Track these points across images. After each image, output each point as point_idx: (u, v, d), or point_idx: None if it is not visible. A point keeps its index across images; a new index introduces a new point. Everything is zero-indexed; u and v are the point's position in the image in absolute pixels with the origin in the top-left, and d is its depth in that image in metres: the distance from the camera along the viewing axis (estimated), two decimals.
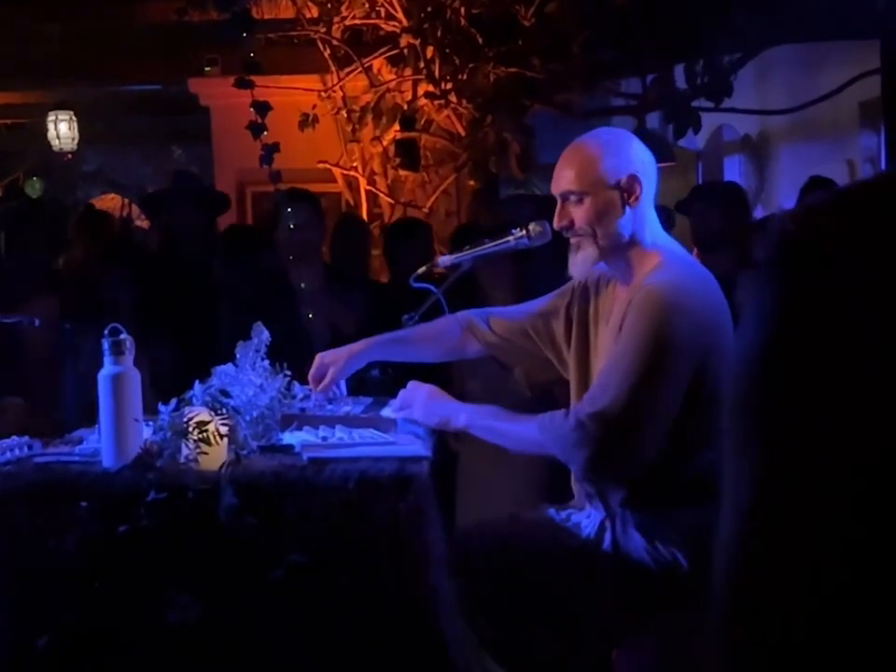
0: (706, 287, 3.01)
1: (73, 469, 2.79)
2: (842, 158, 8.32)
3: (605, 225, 3.02)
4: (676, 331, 2.88)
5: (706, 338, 2.92)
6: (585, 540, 3.00)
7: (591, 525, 3.02)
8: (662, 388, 2.88)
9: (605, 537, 2.98)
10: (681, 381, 2.89)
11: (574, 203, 3.05)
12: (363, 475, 2.68)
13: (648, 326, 2.89)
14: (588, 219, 3.03)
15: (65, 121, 10.83)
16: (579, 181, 3.04)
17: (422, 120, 7.57)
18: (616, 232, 3.03)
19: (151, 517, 2.65)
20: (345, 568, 2.66)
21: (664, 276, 2.96)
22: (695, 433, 2.92)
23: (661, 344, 2.87)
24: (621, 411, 2.84)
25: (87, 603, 2.68)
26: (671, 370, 2.88)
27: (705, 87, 7.28)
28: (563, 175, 3.07)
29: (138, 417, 2.80)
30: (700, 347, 2.91)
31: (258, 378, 3.08)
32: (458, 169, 7.60)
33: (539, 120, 7.86)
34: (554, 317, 3.30)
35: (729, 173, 10.23)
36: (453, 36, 7.31)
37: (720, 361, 2.94)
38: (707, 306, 2.96)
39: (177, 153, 14.07)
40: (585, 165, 3.04)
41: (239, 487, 2.65)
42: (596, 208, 3.02)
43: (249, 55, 6.59)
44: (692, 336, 2.89)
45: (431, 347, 3.51)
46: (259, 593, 2.66)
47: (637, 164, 3.05)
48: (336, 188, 8.13)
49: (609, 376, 2.91)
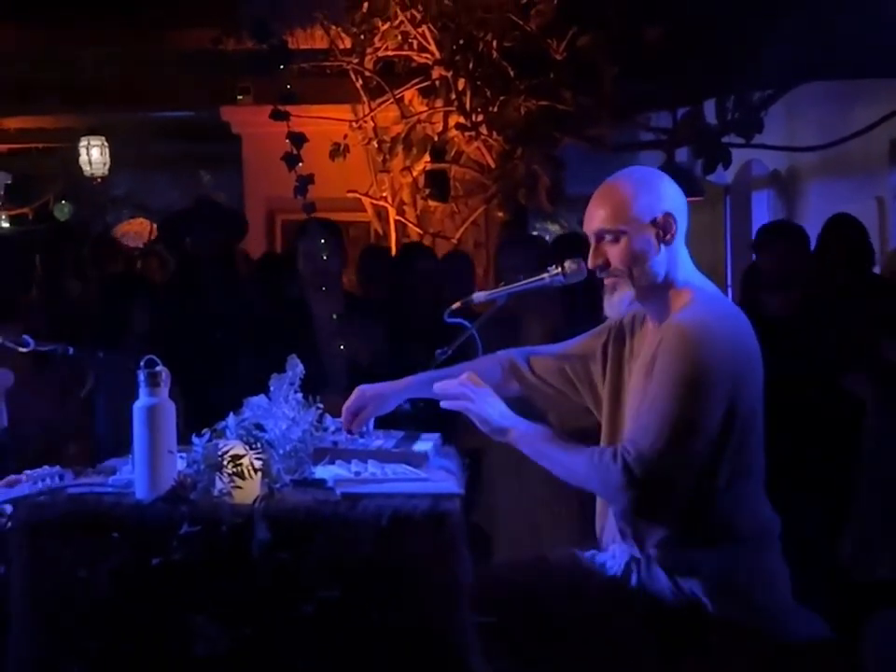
0: (735, 323, 3.00)
1: (106, 501, 2.78)
2: (871, 195, 8.30)
3: (641, 264, 3.01)
4: (708, 369, 2.86)
5: (735, 375, 2.91)
6: (611, 580, 2.99)
7: (617, 566, 3.01)
8: (699, 428, 2.86)
9: (631, 577, 2.97)
10: (716, 418, 2.88)
11: (609, 243, 3.04)
12: (396, 512, 2.67)
13: (682, 365, 2.87)
14: (624, 258, 3.02)
15: (97, 147, 10.90)
16: (614, 219, 3.02)
17: (452, 152, 7.60)
18: (652, 272, 3.02)
19: (184, 550, 2.64)
20: (376, 605, 2.66)
21: (693, 314, 2.96)
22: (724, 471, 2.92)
23: (694, 383, 2.85)
24: (663, 453, 2.82)
25: (117, 634, 2.68)
26: (707, 408, 2.86)
27: (735, 122, 7.29)
28: (597, 213, 3.06)
29: (172, 449, 2.80)
30: (730, 383, 2.89)
31: (291, 411, 3.08)
32: (488, 200, 7.62)
33: (569, 153, 7.87)
34: (592, 358, 3.28)
35: (757, 208, 10.22)
36: (484, 69, 7.33)
37: (748, 398, 2.94)
38: (737, 342, 2.95)
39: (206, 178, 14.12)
40: (621, 204, 3.03)
41: (272, 522, 2.65)
42: (633, 247, 3.01)
43: (285, 86, 6.63)
44: (723, 373, 2.88)
45: None
46: (290, 628, 2.66)
47: (669, 202, 3.05)
48: (366, 217, 8.16)
49: (648, 418, 2.89)
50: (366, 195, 7.88)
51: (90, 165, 11.00)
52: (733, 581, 2.91)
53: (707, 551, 2.92)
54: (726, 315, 3.02)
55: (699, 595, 2.90)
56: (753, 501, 3.01)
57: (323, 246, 5.37)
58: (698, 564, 2.91)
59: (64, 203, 12.78)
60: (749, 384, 2.96)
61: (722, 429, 2.89)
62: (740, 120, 7.25)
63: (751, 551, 2.96)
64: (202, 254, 5.74)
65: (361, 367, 5.04)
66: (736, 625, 2.90)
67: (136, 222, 14.33)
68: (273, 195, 8.30)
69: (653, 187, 3.06)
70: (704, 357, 2.87)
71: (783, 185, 9.68)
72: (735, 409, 2.90)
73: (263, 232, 8.91)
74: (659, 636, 2.93)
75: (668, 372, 2.90)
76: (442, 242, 7.57)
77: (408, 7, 7.31)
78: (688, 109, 7.48)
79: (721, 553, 2.92)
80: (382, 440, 3.38)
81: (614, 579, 2.99)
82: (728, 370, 2.89)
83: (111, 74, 8.66)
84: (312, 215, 6.19)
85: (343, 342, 5.24)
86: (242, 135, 9.04)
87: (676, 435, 2.83)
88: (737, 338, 2.97)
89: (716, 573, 2.90)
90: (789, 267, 5.33)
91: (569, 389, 3.35)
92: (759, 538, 2.99)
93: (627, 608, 2.95)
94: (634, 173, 3.15)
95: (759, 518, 3.01)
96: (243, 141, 9.09)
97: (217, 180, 13.25)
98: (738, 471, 2.95)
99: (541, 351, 3.47)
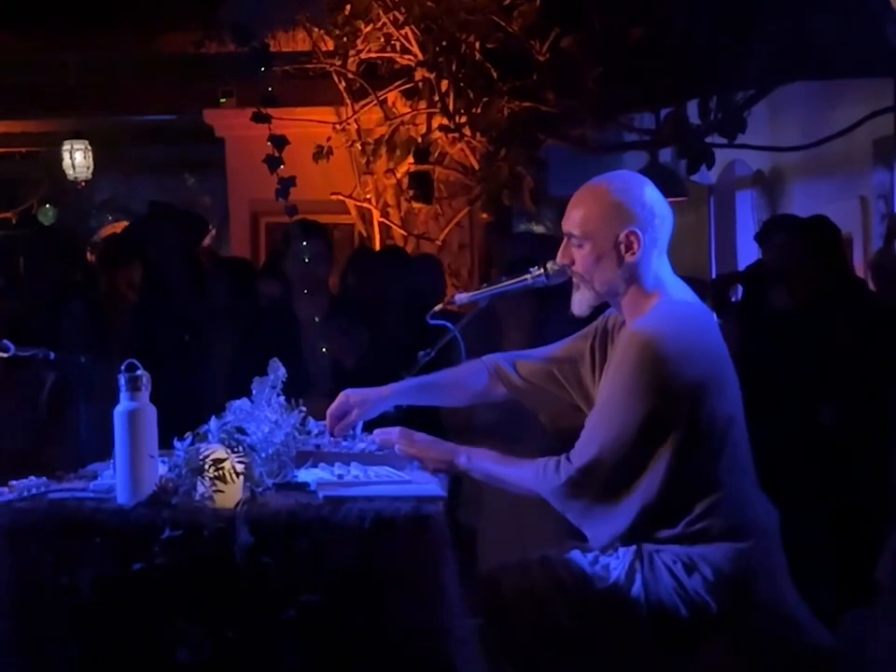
0: (697, 330, 3.03)
1: (87, 506, 2.77)
2: (855, 195, 8.32)
3: (600, 273, 3.06)
4: (655, 380, 2.90)
5: (692, 381, 2.93)
6: (615, 584, 2.98)
7: (620, 568, 2.99)
8: (646, 435, 2.91)
9: (636, 578, 2.96)
10: (665, 426, 2.91)
11: (575, 246, 3.08)
12: (379, 515, 2.67)
13: (631, 375, 2.93)
14: (584, 265, 3.08)
15: (80, 150, 10.87)
16: (581, 226, 3.06)
17: (436, 153, 7.59)
18: (611, 282, 3.07)
19: (166, 555, 2.64)
20: (359, 608, 2.65)
21: (648, 322, 2.99)
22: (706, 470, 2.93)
23: (640, 394, 2.91)
24: (606, 463, 2.92)
25: (100, 640, 2.67)
26: (655, 416, 2.91)
27: (718, 123, 7.29)
28: (571, 215, 3.10)
29: (154, 454, 2.79)
30: (689, 387, 2.92)
31: (273, 414, 3.08)
32: (472, 202, 7.61)
33: (553, 154, 7.87)
34: (580, 360, 3.29)
35: (741, 208, 10.23)
36: (467, 70, 7.33)
37: (717, 400, 2.96)
38: (697, 349, 2.97)
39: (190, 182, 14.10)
40: (590, 213, 3.06)
41: (254, 526, 2.64)
42: (593, 256, 3.06)
43: (267, 89, 6.62)
44: (674, 382, 2.91)
45: (458, 392, 3.50)
46: (272, 632, 2.65)
47: (642, 216, 3.04)
48: (349, 219, 8.15)
49: (594, 428, 2.98)
50: (350, 197, 7.87)
51: (73, 169, 10.97)
52: (736, 576, 2.92)
53: (711, 546, 2.93)
54: (686, 322, 3.03)
55: (703, 595, 2.90)
56: (750, 497, 3.03)
57: (310, 249, 5.35)
58: (702, 559, 2.92)
59: (48, 208, 12.74)
60: (718, 387, 2.98)
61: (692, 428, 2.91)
62: (723, 121, 7.25)
63: (753, 545, 2.97)
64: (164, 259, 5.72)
65: (345, 370, 5.03)
66: (740, 628, 2.91)
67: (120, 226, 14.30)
68: (258, 198, 8.28)
69: (628, 199, 3.05)
70: (652, 369, 2.91)
71: (767, 185, 9.68)
72: (711, 412, 2.94)
73: (248, 235, 8.89)
74: (663, 639, 2.93)
75: (616, 383, 2.97)
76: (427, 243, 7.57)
77: (390, 9, 7.31)
78: (671, 110, 7.48)
79: (725, 548, 2.93)
80: (365, 443, 3.38)
81: (617, 583, 2.97)
82: (681, 377, 2.91)
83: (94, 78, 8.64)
84: (294, 217, 6.18)
85: (328, 344, 5.22)
86: (225, 138, 9.02)
87: (616, 447, 2.92)
88: (694, 344, 2.98)
89: (720, 568, 2.91)
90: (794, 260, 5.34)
91: (558, 390, 3.36)
92: (760, 532, 3.00)
93: (631, 612, 2.94)
94: (614, 180, 3.13)
95: (759, 513, 3.03)
96: (226, 144, 9.06)
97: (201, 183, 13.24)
98: (731, 470, 2.98)
99: (528, 354, 3.48)
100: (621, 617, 2.95)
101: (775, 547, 3.04)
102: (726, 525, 2.95)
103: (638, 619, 2.93)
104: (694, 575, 2.91)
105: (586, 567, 3.03)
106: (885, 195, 8.03)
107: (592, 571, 3.01)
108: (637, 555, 2.98)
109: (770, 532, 3.04)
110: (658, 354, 2.90)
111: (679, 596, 2.91)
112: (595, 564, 3.04)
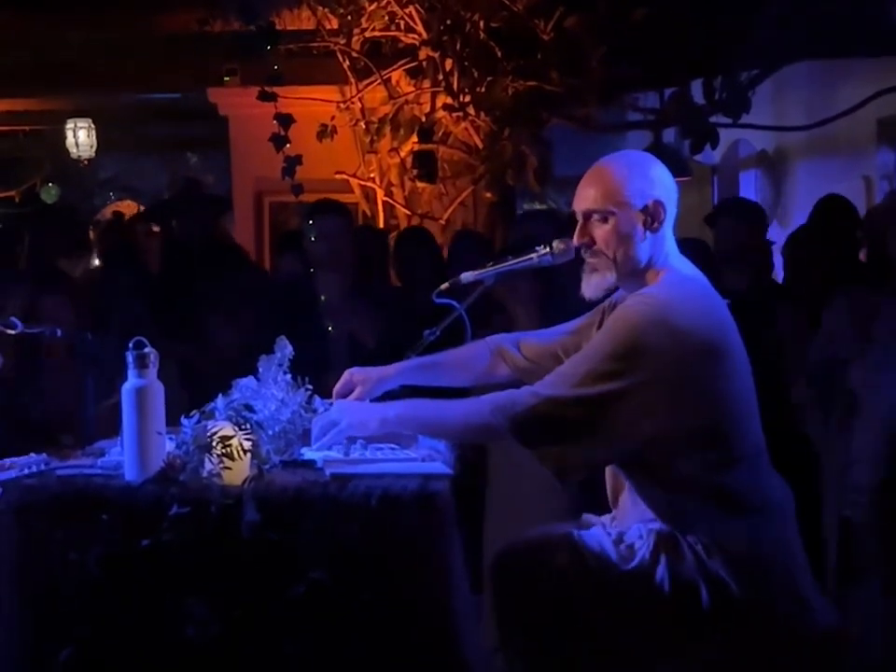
0: (703, 304, 3.00)
1: (95, 482, 2.79)
2: (859, 174, 8.31)
3: (625, 247, 3.02)
4: (648, 340, 2.86)
5: (698, 353, 2.89)
6: (640, 565, 2.96)
7: (645, 548, 2.98)
8: (622, 391, 2.87)
9: (660, 560, 2.94)
10: (656, 389, 2.87)
11: (597, 223, 3.05)
12: (385, 492, 2.68)
13: (621, 330, 2.90)
14: (609, 241, 3.03)
15: (84, 129, 10.87)
16: (605, 200, 3.02)
17: (440, 132, 7.58)
18: (635, 257, 3.03)
19: (174, 531, 2.66)
20: (366, 585, 2.67)
21: (652, 289, 2.99)
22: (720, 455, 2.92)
23: (630, 348, 2.87)
24: (572, 402, 2.87)
25: (108, 616, 2.69)
26: (639, 375, 2.86)
27: (722, 102, 7.27)
28: (587, 193, 3.06)
29: (161, 431, 2.81)
30: (688, 361, 2.88)
31: (280, 392, 3.08)
32: (475, 181, 7.60)
33: (557, 134, 7.86)
34: (585, 340, 3.25)
35: (745, 188, 10.21)
36: (472, 49, 7.30)
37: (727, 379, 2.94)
38: (700, 322, 2.93)
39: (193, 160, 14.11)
40: (613, 185, 3.03)
41: (261, 503, 2.66)
42: (620, 230, 3.01)
43: (272, 68, 6.61)
44: (672, 346, 2.87)
45: (461, 372, 3.49)
46: (280, 608, 2.67)
47: (660, 189, 3.05)
48: (353, 198, 8.13)
49: (573, 367, 2.94)
50: (354, 176, 7.86)
51: (76, 148, 10.97)
52: (756, 555, 2.91)
53: (732, 522, 2.92)
54: (693, 294, 3.01)
55: (723, 576, 2.90)
56: (765, 476, 3.03)
57: (334, 227, 5.33)
58: (724, 537, 2.91)
59: (52, 186, 12.74)
60: (725, 361, 2.95)
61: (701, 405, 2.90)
62: (727, 100, 7.23)
63: (772, 522, 2.97)
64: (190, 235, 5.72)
65: (365, 349, 5.02)
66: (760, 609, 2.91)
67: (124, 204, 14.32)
68: (261, 176, 8.27)
69: (646, 172, 3.06)
70: (649, 327, 2.87)
71: (771, 165, 9.67)
72: (712, 384, 2.91)
73: (251, 213, 8.88)
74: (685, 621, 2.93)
75: (608, 333, 2.95)
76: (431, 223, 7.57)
77: None
78: (675, 90, 7.46)
79: (745, 525, 2.92)
80: None
81: (642, 564, 2.96)
82: (682, 344, 2.87)
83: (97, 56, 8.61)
84: (299, 196, 6.17)
85: (349, 323, 5.21)
86: (229, 117, 9.00)
87: (594, 391, 2.86)
88: (702, 316, 2.95)
89: (741, 547, 2.90)
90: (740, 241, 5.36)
91: None
92: (777, 511, 3.00)
93: (656, 594, 2.93)
94: (627, 156, 3.14)
95: (774, 492, 3.03)
96: (230, 123, 9.04)
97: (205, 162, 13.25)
98: (743, 447, 2.97)
99: (532, 335, 3.47)
100: (644, 599, 2.94)
101: (790, 525, 3.04)
102: (744, 503, 2.95)
103: (662, 601, 2.92)
104: (714, 556, 2.91)
105: (610, 547, 3.02)
106: (889, 175, 8.02)
107: (616, 552, 3.00)
108: (660, 536, 2.97)
109: (786, 511, 3.04)
110: (656, 317, 2.88)
111: (701, 577, 2.90)
112: (620, 544, 3.02)
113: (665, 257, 3.06)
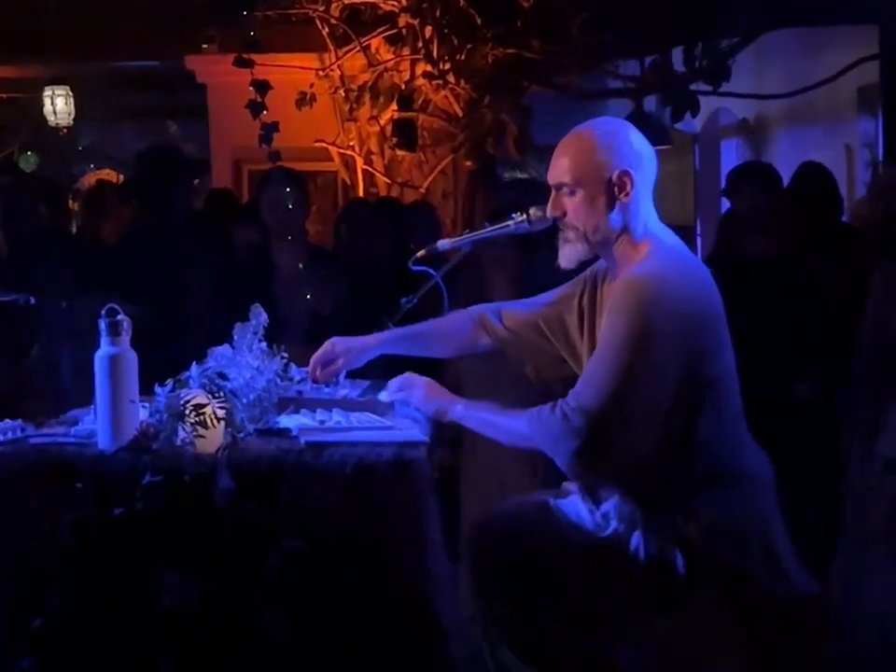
0: (694, 274, 2.99)
1: (68, 451, 2.77)
2: (840, 143, 8.30)
3: (594, 219, 3.01)
4: (657, 322, 2.85)
5: (693, 328, 2.90)
6: (615, 533, 2.95)
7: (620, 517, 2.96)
8: (646, 380, 2.85)
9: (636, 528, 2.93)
10: (668, 371, 2.86)
11: (566, 195, 3.05)
12: (361, 460, 2.67)
13: (629, 318, 2.87)
14: (577, 213, 3.02)
15: (62, 96, 10.78)
16: (571, 173, 3.02)
17: (419, 100, 7.55)
18: (606, 227, 3.01)
19: (147, 500, 2.64)
20: (342, 553, 2.66)
21: (647, 267, 2.95)
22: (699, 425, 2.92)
23: (642, 336, 2.85)
24: (604, 405, 2.83)
25: (81, 585, 2.67)
26: (654, 361, 2.85)
27: (703, 70, 7.26)
28: (558, 164, 3.06)
29: (134, 399, 2.78)
30: (687, 337, 2.88)
31: (255, 360, 3.07)
32: (455, 149, 7.58)
33: (537, 102, 7.84)
34: (567, 310, 3.26)
35: (726, 156, 10.21)
36: (451, 16, 7.28)
37: (714, 351, 2.94)
38: (694, 294, 2.93)
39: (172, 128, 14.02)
40: (579, 158, 3.02)
41: (236, 471, 2.64)
42: (587, 202, 3.01)
43: (250, 34, 6.57)
44: (676, 326, 2.87)
45: (443, 343, 3.48)
46: (255, 577, 2.66)
47: (632, 158, 3.02)
48: (333, 167, 8.11)
49: (592, 370, 2.91)
50: (333, 144, 7.84)
51: (54, 115, 10.88)
52: (732, 523, 2.91)
53: (708, 491, 2.91)
54: (683, 267, 3.00)
55: (699, 545, 2.89)
56: (743, 445, 3.03)
57: (288, 195, 5.31)
58: (698, 508, 2.90)
59: (30, 154, 12.66)
60: (713, 332, 2.95)
61: (688, 380, 2.89)
62: (708, 68, 7.23)
63: (749, 491, 2.96)
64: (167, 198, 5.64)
65: (322, 317, 5.01)
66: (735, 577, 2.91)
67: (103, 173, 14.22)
68: (240, 145, 8.23)
69: (615, 141, 3.03)
70: (653, 311, 2.86)
71: (751, 133, 9.66)
72: (698, 360, 2.90)
73: (230, 182, 8.85)
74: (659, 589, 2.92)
75: (617, 325, 2.91)
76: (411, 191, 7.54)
77: None
78: (656, 57, 7.45)
79: (721, 494, 2.92)
80: (347, 388, 3.38)
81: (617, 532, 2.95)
82: (683, 321, 2.87)
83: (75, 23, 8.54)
84: (277, 163, 6.14)
85: (305, 291, 5.19)
86: (207, 85, 8.97)
87: (618, 388, 2.83)
88: (695, 290, 2.95)
89: (714, 516, 2.90)
90: (764, 207, 5.33)
91: (543, 342, 3.33)
92: (754, 480, 2.99)
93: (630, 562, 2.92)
94: (599, 125, 3.10)
95: (751, 461, 3.02)
96: (208, 90, 9.01)
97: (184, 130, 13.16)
98: (725, 417, 2.96)
99: (513, 305, 3.46)
100: (619, 566, 2.93)
101: (768, 495, 3.03)
102: (720, 472, 2.94)
103: (637, 568, 2.91)
104: (691, 524, 2.90)
105: (586, 516, 3.01)
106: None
107: (592, 520, 3.00)
108: (636, 504, 2.96)
109: (764, 480, 3.03)
110: (658, 298, 2.87)
111: (676, 546, 2.90)
112: (595, 512, 3.02)
113: (643, 225, 3.04)
